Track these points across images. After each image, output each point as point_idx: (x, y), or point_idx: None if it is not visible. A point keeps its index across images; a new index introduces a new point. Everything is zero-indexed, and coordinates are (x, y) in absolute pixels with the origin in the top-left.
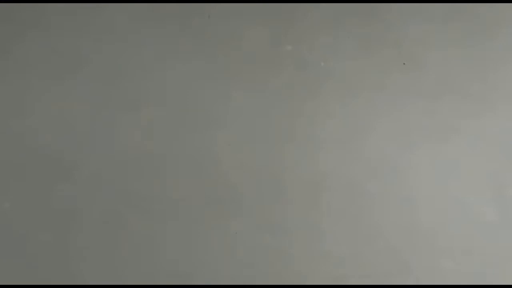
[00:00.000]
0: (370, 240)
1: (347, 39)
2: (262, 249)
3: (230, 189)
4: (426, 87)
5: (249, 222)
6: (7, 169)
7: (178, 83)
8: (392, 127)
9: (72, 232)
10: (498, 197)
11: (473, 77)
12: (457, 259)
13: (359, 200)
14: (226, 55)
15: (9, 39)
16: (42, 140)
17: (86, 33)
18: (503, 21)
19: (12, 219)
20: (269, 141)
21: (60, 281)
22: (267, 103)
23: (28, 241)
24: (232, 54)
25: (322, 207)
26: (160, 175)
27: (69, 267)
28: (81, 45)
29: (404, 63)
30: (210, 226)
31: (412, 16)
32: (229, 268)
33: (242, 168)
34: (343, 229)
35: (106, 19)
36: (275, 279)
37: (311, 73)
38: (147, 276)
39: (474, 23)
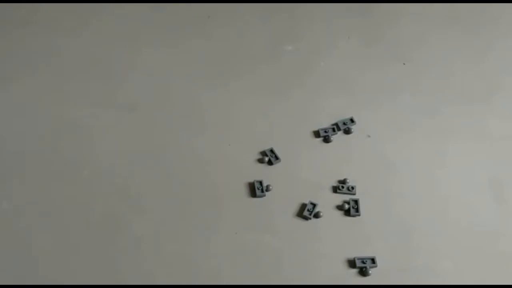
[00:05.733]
0: (368, 239)
1: (347, 39)
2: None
3: (230, 189)
4: (426, 87)
5: (247, 222)
6: (7, 169)
7: (177, 83)
8: (392, 126)
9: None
10: (497, 196)
11: (473, 77)
12: (457, 259)
13: (359, 199)
14: (226, 55)
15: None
16: (42, 140)
17: (79, 30)
18: (503, 21)
19: (11, 219)
20: (267, 140)
21: (60, 281)
22: (267, 102)
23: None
24: (232, 54)
25: (321, 204)
26: (160, 175)
27: (69, 267)
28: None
29: (404, 63)
30: (210, 226)
31: (412, 16)
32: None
33: (244, 167)
34: (342, 228)
35: (105, 18)
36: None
37: (311, 73)
38: (147, 276)
39: (474, 23)
